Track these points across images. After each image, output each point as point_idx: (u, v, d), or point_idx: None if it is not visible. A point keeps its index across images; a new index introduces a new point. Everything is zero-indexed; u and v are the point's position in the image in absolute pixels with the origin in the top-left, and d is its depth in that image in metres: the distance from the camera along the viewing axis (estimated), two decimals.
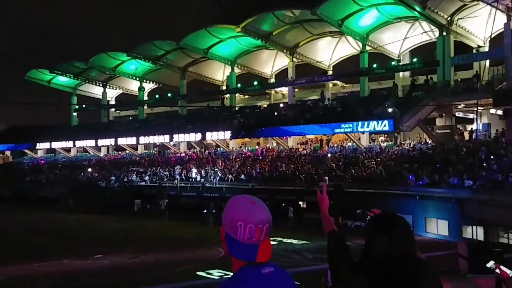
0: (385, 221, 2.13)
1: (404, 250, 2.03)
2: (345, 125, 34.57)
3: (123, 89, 60.86)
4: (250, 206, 1.90)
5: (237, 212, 1.88)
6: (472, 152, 28.59)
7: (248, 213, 1.87)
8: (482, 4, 32.02)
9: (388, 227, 2.08)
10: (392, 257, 2.00)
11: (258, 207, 1.90)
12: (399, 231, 2.06)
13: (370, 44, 40.12)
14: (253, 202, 1.91)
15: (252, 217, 1.86)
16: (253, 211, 1.88)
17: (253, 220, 1.86)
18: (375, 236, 2.08)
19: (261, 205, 1.92)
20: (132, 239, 25.02)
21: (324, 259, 3.70)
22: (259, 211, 1.89)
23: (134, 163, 48.15)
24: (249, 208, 1.89)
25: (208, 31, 44.43)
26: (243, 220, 1.85)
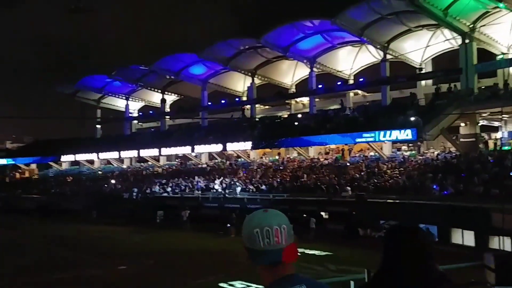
0: (401, 232, 2.08)
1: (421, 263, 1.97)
2: (367, 135, 34.27)
3: (146, 102, 61.63)
4: (263, 213, 1.92)
5: (251, 221, 1.89)
6: (497, 160, 28.03)
7: (262, 218, 1.88)
8: (505, 11, 31.55)
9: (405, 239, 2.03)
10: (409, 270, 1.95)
11: (270, 213, 1.91)
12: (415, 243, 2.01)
13: (391, 52, 39.83)
14: (266, 211, 1.93)
15: (266, 220, 1.87)
16: (266, 216, 1.89)
17: (268, 223, 1.86)
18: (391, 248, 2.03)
19: (274, 211, 1.93)
20: (155, 250, 25.12)
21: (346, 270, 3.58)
22: (273, 215, 1.90)
23: (156, 175, 48.54)
24: (262, 215, 1.91)
25: (228, 43, 44.75)
26: (258, 225, 1.86)
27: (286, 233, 1.87)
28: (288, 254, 1.86)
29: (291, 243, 1.88)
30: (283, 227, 1.87)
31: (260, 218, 1.88)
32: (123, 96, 60.49)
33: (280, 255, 1.85)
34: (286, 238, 1.86)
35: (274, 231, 1.84)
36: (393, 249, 2.02)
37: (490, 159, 29.11)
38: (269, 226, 1.85)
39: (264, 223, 1.86)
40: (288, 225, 1.89)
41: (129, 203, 42.09)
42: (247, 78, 50.09)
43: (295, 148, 42.90)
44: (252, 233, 1.86)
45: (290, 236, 1.89)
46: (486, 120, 35.20)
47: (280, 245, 1.84)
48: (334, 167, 37.10)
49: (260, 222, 1.87)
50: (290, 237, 1.89)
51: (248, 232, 1.88)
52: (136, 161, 57.24)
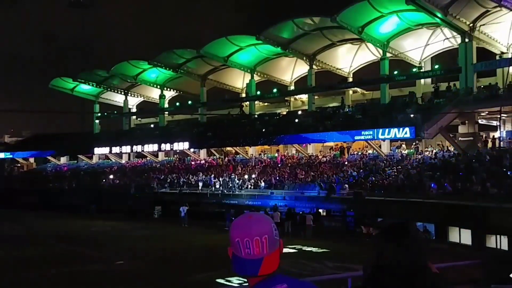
0: (394, 229, 2.04)
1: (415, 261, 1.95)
2: (366, 132, 34.31)
3: (144, 97, 61.61)
4: (246, 220, 1.88)
5: (234, 229, 1.86)
6: (496, 160, 28.11)
7: (244, 227, 1.85)
8: (505, 10, 31.59)
9: (397, 236, 1.99)
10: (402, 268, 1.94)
11: (254, 220, 1.87)
12: (409, 241, 1.97)
13: (391, 51, 39.85)
14: (250, 217, 1.89)
15: (247, 230, 1.83)
16: (248, 224, 1.85)
17: (249, 233, 1.82)
18: (384, 245, 2.01)
19: (258, 217, 1.89)
20: (153, 246, 25.17)
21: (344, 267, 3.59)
22: (255, 223, 1.85)
23: (154, 170, 48.59)
24: (244, 223, 1.87)
25: (228, 39, 44.76)
26: (239, 235, 1.83)
27: (267, 242, 1.83)
28: (267, 265, 1.83)
29: (274, 251, 1.86)
30: (264, 237, 1.83)
31: (242, 227, 1.85)
32: (122, 91, 60.47)
33: (258, 268, 1.82)
34: (267, 248, 1.83)
35: (254, 242, 1.82)
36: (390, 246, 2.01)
37: (488, 158, 29.18)
38: (249, 237, 1.82)
39: (245, 233, 1.83)
40: (271, 233, 1.85)
41: (128, 198, 42.13)
42: (246, 75, 50.08)
43: (293, 145, 42.96)
44: (234, 241, 1.84)
45: (273, 244, 1.85)
46: (484, 119, 35.26)
47: (260, 255, 1.82)
48: (332, 164, 37.15)
49: (241, 231, 1.84)
50: (273, 246, 1.86)
51: (231, 238, 1.86)
52: (134, 156, 57.26)
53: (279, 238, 1.90)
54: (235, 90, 54.10)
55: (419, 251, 1.98)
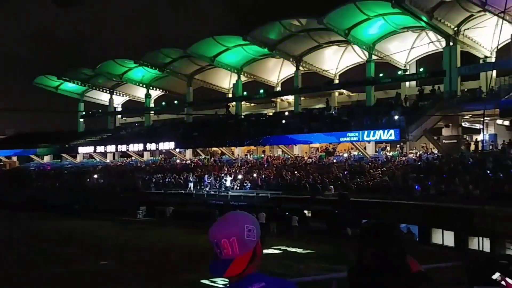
0: (374, 231, 2.07)
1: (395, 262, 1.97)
2: (351, 134, 34.55)
3: (130, 96, 61.21)
4: (218, 222, 1.93)
5: (209, 231, 1.92)
6: (479, 162, 28.49)
7: (214, 229, 1.91)
8: (489, 15, 32.03)
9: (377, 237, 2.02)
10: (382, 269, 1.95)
11: (225, 221, 1.91)
12: (388, 242, 1.99)
13: (377, 53, 40.18)
14: (223, 218, 1.94)
15: (218, 232, 1.89)
16: (219, 226, 1.90)
17: (217, 235, 1.88)
18: (364, 247, 2.03)
19: (230, 219, 1.93)
20: (137, 246, 24.99)
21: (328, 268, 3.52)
22: (225, 225, 1.90)
23: (140, 170, 48.28)
24: (216, 225, 1.92)
25: (215, 39, 44.69)
26: (211, 237, 1.90)
27: (237, 244, 1.86)
28: (237, 266, 1.86)
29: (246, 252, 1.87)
30: (232, 239, 1.86)
31: (213, 230, 1.91)
32: (107, 90, 60.00)
33: (225, 269, 1.85)
34: (237, 249, 1.86)
35: (222, 244, 1.86)
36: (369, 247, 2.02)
37: (471, 160, 29.56)
38: (218, 239, 1.87)
39: (215, 235, 1.89)
40: (241, 235, 1.87)
41: (112, 198, 41.77)
42: (233, 75, 50.06)
43: (280, 146, 43.06)
44: (210, 241, 1.91)
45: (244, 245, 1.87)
46: (468, 122, 35.73)
47: (230, 256, 1.86)
48: (318, 165, 37.30)
49: (213, 233, 1.90)
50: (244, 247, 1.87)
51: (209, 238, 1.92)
52: (119, 156, 56.83)
53: (257, 239, 1.91)
54: (221, 90, 54.04)
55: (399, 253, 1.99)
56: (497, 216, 20.92)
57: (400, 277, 1.96)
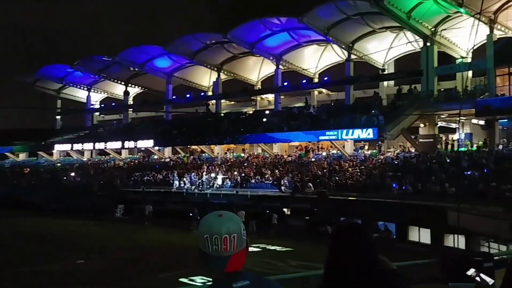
0: (346, 231, 2.10)
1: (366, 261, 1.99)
2: (330, 133, 34.81)
3: (108, 93, 60.48)
4: (216, 218, 1.93)
5: (203, 226, 1.92)
6: (454, 161, 29.02)
7: (214, 225, 1.91)
8: (465, 16, 32.59)
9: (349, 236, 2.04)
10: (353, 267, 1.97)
11: (224, 218, 1.93)
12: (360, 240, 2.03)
13: (356, 53, 40.53)
14: (220, 215, 1.95)
15: (217, 228, 1.89)
16: (218, 222, 1.91)
17: (218, 231, 1.88)
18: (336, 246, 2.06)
19: (228, 217, 1.95)
20: (115, 244, 24.74)
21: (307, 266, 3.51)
22: (225, 222, 1.92)
23: (118, 168, 47.77)
24: (214, 220, 1.93)
25: (194, 37, 44.48)
26: (209, 231, 1.89)
27: (236, 241, 1.90)
28: (234, 263, 1.90)
29: (241, 250, 1.92)
30: (233, 235, 1.89)
31: (211, 224, 1.91)
32: (85, 87, 59.19)
33: (224, 265, 1.89)
34: (235, 246, 1.90)
35: (223, 239, 1.88)
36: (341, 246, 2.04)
37: (447, 159, 30.08)
38: (218, 234, 1.88)
39: (214, 230, 1.89)
40: (240, 232, 1.92)
41: (90, 196, 41.25)
42: (213, 73, 49.89)
43: (259, 145, 43.11)
44: (202, 237, 1.90)
45: (241, 243, 1.92)
46: (444, 121, 36.32)
47: (228, 252, 1.88)
48: (297, 164, 37.48)
49: (210, 228, 1.90)
50: (241, 244, 1.92)
51: (199, 235, 1.92)
52: (97, 154, 56.14)
53: (246, 237, 1.95)
54: (201, 88, 53.81)
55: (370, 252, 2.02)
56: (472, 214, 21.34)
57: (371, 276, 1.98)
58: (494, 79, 31.26)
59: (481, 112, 30.56)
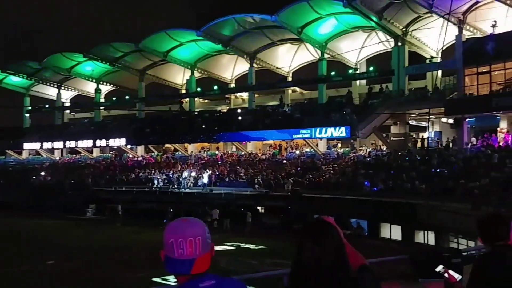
0: (313, 228, 2.11)
1: (333, 258, 2.01)
2: (304, 131, 35.05)
3: (79, 91, 59.35)
4: (180, 223, 1.97)
5: (168, 230, 1.94)
6: (424, 159, 29.61)
7: (178, 228, 1.94)
8: (435, 16, 33.23)
9: (316, 234, 2.06)
10: (320, 265, 2.00)
11: (188, 222, 1.96)
12: (327, 239, 2.04)
13: (329, 52, 40.88)
14: (185, 220, 1.98)
15: (181, 231, 1.92)
16: (183, 226, 1.94)
17: (183, 234, 1.91)
18: (304, 243, 2.07)
19: (192, 221, 1.98)
20: (87, 244, 24.35)
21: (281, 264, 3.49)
22: (190, 225, 1.95)
23: (89, 167, 47.02)
24: (179, 225, 1.96)
25: (168, 34, 44.07)
26: (174, 236, 1.91)
27: (201, 243, 1.92)
28: (199, 265, 1.93)
29: (206, 253, 1.95)
30: (198, 238, 1.92)
31: (176, 228, 1.93)
32: (55, 84, 57.96)
33: (190, 267, 1.91)
34: (200, 249, 1.92)
35: (187, 242, 1.90)
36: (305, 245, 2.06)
37: (418, 157, 30.66)
38: (183, 237, 1.91)
39: (179, 234, 1.91)
40: (204, 235, 1.95)
41: (60, 195, 40.47)
42: (187, 71, 49.55)
43: (233, 143, 43.04)
44: (167, 242, 1.92)
45: (205, 246, 1.95)
46: (415, 120, 36.99)
47: (193, 256, 1.91)
48: (271, 162, 37.60)
49: (176, 232, 1.92)
50: (205, 247, 1.94)
51: (164, 239, 1.94)
52: (67, 152, 55.10)
53: (212, 242, 1.99)
54: (174, 86, 53.36)
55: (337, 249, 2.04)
56: (441, 210, 21.85)
57: (338, 273, 2.00)
58: (463, 78, 31.99)
59: (450, 111, 31.26)
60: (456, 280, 3.70)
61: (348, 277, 2.01)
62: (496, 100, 28.39)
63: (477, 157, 27.65)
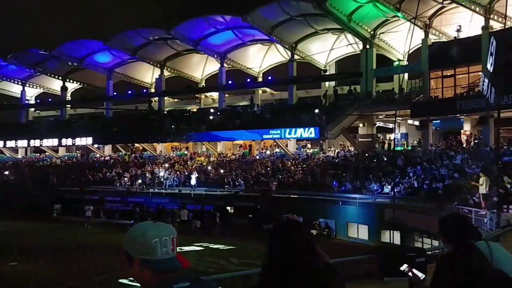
0: (282, 227, 2.14)
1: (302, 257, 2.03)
2: (273, 131, 35.24)
3: (44, 88, 57.89)
4: (155, 224, 1.96)
5: (148, 232, 1.90)
6: (391, 160, 30.19)
7: (158, 229, 1.92)
8: (402, 20, 33.93)
9: (285, 234, 2.08)
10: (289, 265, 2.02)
11: (162, 224, 1.98)
12: (295, 238, 2.06)
13: (299, 53, 41.19)
14: (155, 222, 2.00)
15: (165, 230, 1.92)
16: (160, 226, 1.94)
17: (167, 232, 1.92)
18: (272, 243, 2.09)
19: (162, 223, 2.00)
20: (51, 246, 23.78)
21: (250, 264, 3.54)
22: (165, 226, 1.96)
23: (54, 166, 45.93)
24: (155, 225, 1.95)
25: (137, 32, 43.50)
26: (158, 235, 1.89)
27: (176, 241, 1.95)
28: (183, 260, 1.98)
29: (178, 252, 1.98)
30: (175, 236, 1.94)
31: (156, 229, 1.92)
32: (19, 81, 56.36)
33: (177, 263, 1.92)
34: (176, 247, 1.94)
35: (171, 240, 1.91)
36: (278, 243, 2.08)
37: (385, 158, 31.23)
38: (168, 235, 1.91)
39: (163, 232, 1.91)
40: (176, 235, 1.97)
41: (25, 195, 39.38)
42: (156, 70, 49.02)
43: (203, 143, 42.84)
44: (150, 243, 1.87)
45: None
46: (382, 122, 37.66)
47: (173, 253, 1.92)
48: (241, 162, 37.61)
49: (159, 232, 1.90)
50: None
51: (144, 242, 1.88)
52: (32, 151, 53.68)
53: None
54: (143, 84, 52.68)
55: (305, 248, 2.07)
56: (407, 210, 22.33)
57: (307, 271, 2.03)
58: (428, 81, 32.76)
59: (416, 113, 31.95)
60: (420, 278, 3.79)
61: (316, 276, 2.03)
62: (460, 103, 29.20)
63: (441, 158, 28.34)
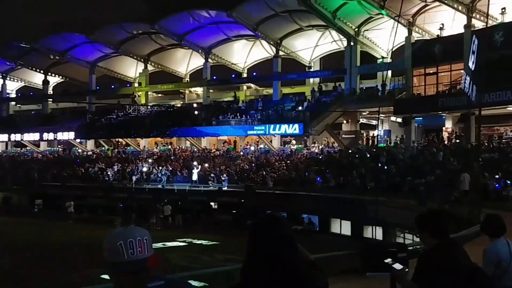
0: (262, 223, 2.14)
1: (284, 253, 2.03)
2: (258, 127, 35.24)
3: (26, 82, 57.00)
4: (124, 228, 2.02)
5: (114, 236, 1.97)
6: (374, 156, 30.46)
7: (125, 232, 1.97)
8: (386, 18, 34.17)
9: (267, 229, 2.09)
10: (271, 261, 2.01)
11: (133, 227, 2.03)
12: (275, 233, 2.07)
13: (283, 49, 41.22)
14: (126, 228, 2.03)
15: (130, 233, 1.96)
16: (128, 229, 2.00)
17: (132, 235, 1.96)
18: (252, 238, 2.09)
19: (136, 227, 2.05)
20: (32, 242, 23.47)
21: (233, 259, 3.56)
22: (135, 229, 2.01)
23: (36, 161, 45.33)
24: (124, 230, 2.00)
25: (121, 26, 43.07)
26: (122, 238, 1.94)
27: (148, 243, 1.98)
28: (152, 262, 1.98)
29: (152, 254, 2.00)
30: (145, 238, 1.97)
31: (122, 232, 1.97)
32: (0, 74, 55.40)
33: (145, 263, 1.95)
34: (148, 249, 1.97)
35: (137, 242, 1.94)
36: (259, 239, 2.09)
37: (368, 154, 31.50)
38: (133, 237, 1.95)
39: (128, 235, 1.95)
40: (149, 237, 2.00)
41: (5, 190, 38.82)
42: (140, 64, 48.62)
43: (187, 138, 42.67)
44: (115, 246, 1.93)
45: (151, 248, 2.00)
46: (365, 118, 37.95)
47: (143, 255, 1.94)
48: (225, 158, 37.56)
49: (124, 235, 1.95)
50: (151, 249, 2.00)
51: (111, 245, 1.95)
52: (12, 145, 52.89)
53: None
54: (127, 79, 52.21)
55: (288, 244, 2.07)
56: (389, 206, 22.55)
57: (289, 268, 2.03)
58: (411, 79, 33.09)
59: (399, 110, 32.27)
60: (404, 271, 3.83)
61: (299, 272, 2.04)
62: (442, 101, 29.58)
63: (423, 155, 28.70)
